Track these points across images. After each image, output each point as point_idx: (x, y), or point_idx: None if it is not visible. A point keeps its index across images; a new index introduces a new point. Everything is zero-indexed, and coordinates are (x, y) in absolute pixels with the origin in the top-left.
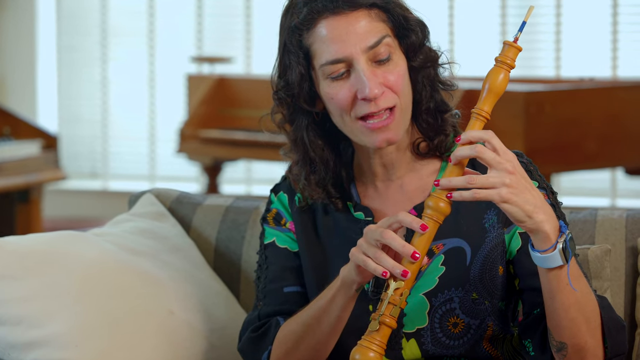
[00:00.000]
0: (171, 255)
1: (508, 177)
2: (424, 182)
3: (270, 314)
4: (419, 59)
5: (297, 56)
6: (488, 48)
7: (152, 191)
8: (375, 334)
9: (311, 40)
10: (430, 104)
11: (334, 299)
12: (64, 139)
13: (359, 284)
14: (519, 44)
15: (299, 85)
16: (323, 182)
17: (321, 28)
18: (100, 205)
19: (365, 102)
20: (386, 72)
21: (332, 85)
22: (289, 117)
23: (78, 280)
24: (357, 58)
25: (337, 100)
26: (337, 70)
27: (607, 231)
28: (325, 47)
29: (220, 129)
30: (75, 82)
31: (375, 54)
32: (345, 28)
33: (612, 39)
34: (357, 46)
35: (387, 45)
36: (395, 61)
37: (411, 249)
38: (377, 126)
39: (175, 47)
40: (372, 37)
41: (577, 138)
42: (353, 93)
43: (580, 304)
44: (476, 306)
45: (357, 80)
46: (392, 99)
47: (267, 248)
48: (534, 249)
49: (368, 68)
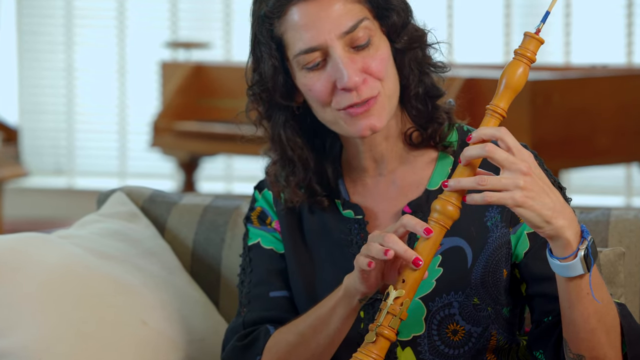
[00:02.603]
0: (144, 260)
1: (522, 179)
2: (419, 176)
3: (255, 321)
4: (402, 40)
5: (269, 47)
6: (490, 34)
7: (122, 189)
8: (372, 346)
9: (283, 29)
10: (419, 88)
11: (334, 309)
12: (25, 132)
13: (363, 294)
14: (541, 36)
15: (273, 78)
16: (304, 183)
17: (292, 15)
18: (65, 205)
19: (345, 92)
20: (366, 58)
21: (308, 76)
22: (265, 114)
23: (41, 287)
24: (333, 45)
25: (315, 91)
26: (313, 59)
27: (621, 233)
28: (297, 35)
29: (198, 121)
30: (37, 69)
31: (353, 39)
32: (317, 13)
33: (626, 23)
34: (331, 32)
35: (365, 28)
36: (376, 45)
37: (413, 254)
38: (358, 111)
39: (147, 31)
40: (347, 21)
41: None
42: (332, 83)
43: (601, 313)
44: (478, 312)
45: (334, 69)
46: (375, 86)
47: (252, 250)
48: (552, 256)
49: (345, 55)
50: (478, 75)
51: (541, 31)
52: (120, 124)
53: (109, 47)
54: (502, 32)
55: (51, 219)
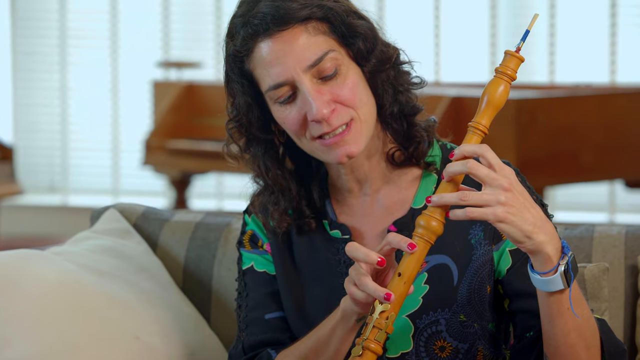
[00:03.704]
0: (137, 276)
1: (504, 195)
2: (403, 195)
3: (254, 345)
4: (371, 63)
5: (241, 85)
6: (477, 53)
7: (115, 206)
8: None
9: (252, 66)
10: (394, 107)
11: (334, 330)
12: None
13: (359, 314)
14: (521, 54)
15: (247, 114)
16: (289, 208)
17: (259, 52)
18: (59, 222)
19: (316, 123)
20: (334, 88)
21: (281, 109)
22: (244, 147)
23: (36, 303)
24: (299, 79)
25: (289, 124)
26: (283, 94)
27: (605, 248)
28: (265, 71)
29: (189, 139)
30: (32, 88)
31: (320, 71)
32: (282, 49)
33: (610, 42)
34: (296, 67)
35: (332, 59)
36: (344, 74)
37: (383, 292)
38: (332, 142)
39: (140, 50)
40: (311, 54)
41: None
42: (302, 115)
43: (581, 328)
44: (464, 329)
45: (303, 102)
46: (347, 114)
47: (246, 274)
48: (533, 271)
49: (313, 87)
50: (464, 94)
51: (521, 49)
52: (113, 143)
53: (102, 67)
54: (487, 52)
55: (45, 235)
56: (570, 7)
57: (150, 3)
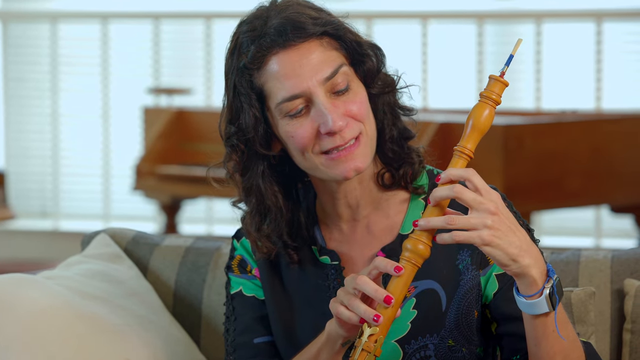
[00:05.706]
0: (127, 300)
1: (490, 218)
2: (392, 221)
3: None
4: (377, 86)
5: (249, 98)
6: (464, 80)
7: (106, 231)
8: None
9: (263, 80)
10: (393, 131)
11: (319, 354)
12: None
13: (345, 338)
14: (505, 79)
15: (254, 128)
16: (276, 234)
17: (272, 65)
18: (51, 247)
19: (329, 136)
20: (347, 102)
21: (291, 123)
22: (243, 165)
23: (27, 327)
24: (315, 91)
25: (298, 138)
26: (295, 107)
27: (592, 273)
28: (279, 84)
29: (179, 165)
30: (23, 115)
31: (333, 85)
32: (299, 61)
33: (596, 69)
34: (313, 79)
35: (344, 74)
36: (354, 90)
37: (384, 293)
38: (341, 155)
39: (130, 77)
40: (327, 67)
41: (559, 174)
42: (315, 129)
43: (567, 351)
44: (453, 353)
45: (318, 114)
46: (357, 127)
47: (234, 299)
48: (519, 294)
49: (328, 100)
50: (452, 120)
51: (506, 74)
52: (104, 168)
53: (93, 93)
54: (475, 79)
55: (37, 260)
56: (556, 34)
57: (141, 30)
